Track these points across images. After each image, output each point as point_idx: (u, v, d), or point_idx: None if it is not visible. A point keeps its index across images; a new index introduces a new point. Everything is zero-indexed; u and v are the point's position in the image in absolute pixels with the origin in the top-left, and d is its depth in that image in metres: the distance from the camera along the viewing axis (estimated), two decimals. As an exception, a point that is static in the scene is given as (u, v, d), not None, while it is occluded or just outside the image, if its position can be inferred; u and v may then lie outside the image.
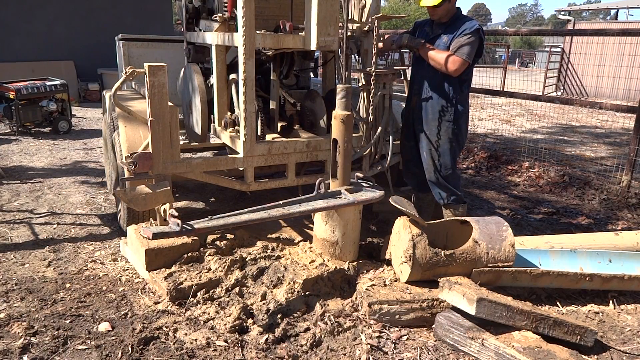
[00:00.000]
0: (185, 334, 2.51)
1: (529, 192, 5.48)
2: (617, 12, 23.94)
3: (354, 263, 3.13)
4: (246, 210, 2.86)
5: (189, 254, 3.10)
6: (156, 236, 2.60)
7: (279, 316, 2.65)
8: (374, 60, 3.45)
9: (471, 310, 2.49)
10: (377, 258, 3.30)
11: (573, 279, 2.93)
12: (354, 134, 3.73)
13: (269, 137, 3.71)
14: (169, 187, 3.16)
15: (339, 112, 3.10)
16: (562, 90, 16.40)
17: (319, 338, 2.51)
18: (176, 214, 2.66)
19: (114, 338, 2.49)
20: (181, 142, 3.47)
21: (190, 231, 2.65)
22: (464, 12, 3.51)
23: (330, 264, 3.09)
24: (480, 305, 2.47)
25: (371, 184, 3.24)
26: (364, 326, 2.63)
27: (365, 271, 3.03)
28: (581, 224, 4.49)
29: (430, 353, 2.49)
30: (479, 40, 3.31)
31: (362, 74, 3.79)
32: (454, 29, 3.37)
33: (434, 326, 2.63)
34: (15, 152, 6.45)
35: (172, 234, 2.63)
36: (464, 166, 6.53)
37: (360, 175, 3.28)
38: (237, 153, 3.52)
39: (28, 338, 2.45)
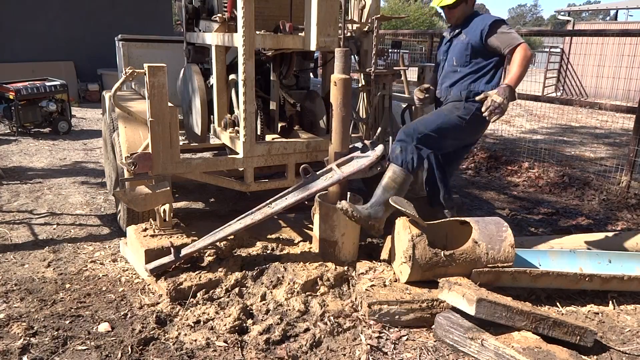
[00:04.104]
0: (185, 335, 2.51)
1: (529, 193, 5.48)
2: (617, 12, 23.95)
3: (354, 263, 3.13)
4: (232, 221, 3.07)
5: (189, 255, 3.10)
6: (154, 270, 2.95)
7: (278, 317, 2.65)
8: (373, 60, 3.45)
9: (471, 310, 2.49)
10: (377, 258, 3.30)
11: (573, 279, 2.93)
12: (353, 135, 3.74)
13: (268, 137, 3.71)
14: (168, 188, 3.17)
15: (335, 75, 3.09)
16: (561, 91, 16.39)
17: (318, 338, 2.51)
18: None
19: (113, 338, 2.49)
20: (181, 143, 3.47)
21: (181, 258, 2.98)
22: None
23: (330, 264, 3.09)
24: (480, 305, 2.47)
25: (367, 144, 3.18)
26: (364, 327, 2.63)
27: (365, 271, 3.03)
28: (581, 225, 4.49)
29: (430, 353, 2.49)
30: (503, 21, 3.13)
31: (361, 75, 3.79)
32: (468, 25, 3.24)
33: (433, 327, 2.63)
34: (15, 153, 6.45)
35: (169, 264, 2.96)
36: (464, 166, 6.53)
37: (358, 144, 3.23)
38: (237, 153, 3.52)
39: (28, 338, 2.45)
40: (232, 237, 3.36)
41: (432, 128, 3.14)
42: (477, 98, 3.07)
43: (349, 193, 3.38)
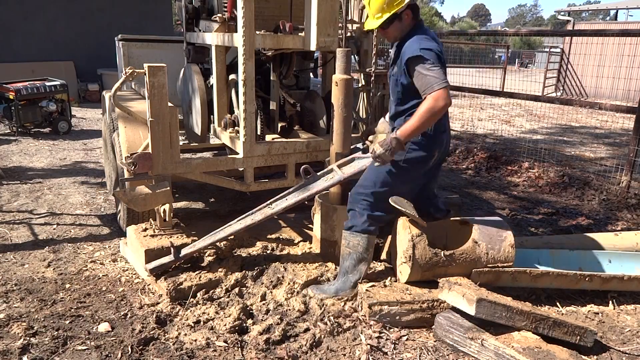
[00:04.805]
0: (185, 335, 2.51)
1: (529, 193, 5.48)
2: (617, 12, 23.95)
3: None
4: (233, 222, 3.08)
5: (189, 255, 3.10)
6: (154, 270, 2.96)
7: (278, 317, 2.65)
8: (373, 60, 3.45)
9: (471, 310, 2.49)
10: (377, 258, 3.30)
11: (572, 279, 2.93)
12: (353, 134, 3.74)
13: (268, 137, 3.72)
14: (168, 188, 3.17)
15: (337, 75, 3.09)
16: (561, 91, 16.39)
17: (318, 338, 2.51)
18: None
19: (113, 338, 2.49)
20: (181, 143, 3.47)
21: (181, 258, 2.99)
22: (463, 13, 3.35)
23: (330, 264, 3.09)
24: (480, 305, 2.47)
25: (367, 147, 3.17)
26: (364, 327, 2.63)
27: (365, 271, 3.02)
28: (581, 225, 4.49)
29: (430, 353, 2.49)
30: (432, 54, 2.54)
31: (361, 75, 3.79)
32: (398, 52, 2.73)
33: (433, 327, 2.63)
34: (15, 153, 6.45)
35: (169, 263, 2.98)
36: (464, 166, 6.53)
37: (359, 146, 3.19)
38: (237, 153, 3.52)
39: (28, 338, 2.45)
40: (232, 237, 3.36)
41: (374, 185, 2.82)
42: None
43: (350, 194, 3.38)
